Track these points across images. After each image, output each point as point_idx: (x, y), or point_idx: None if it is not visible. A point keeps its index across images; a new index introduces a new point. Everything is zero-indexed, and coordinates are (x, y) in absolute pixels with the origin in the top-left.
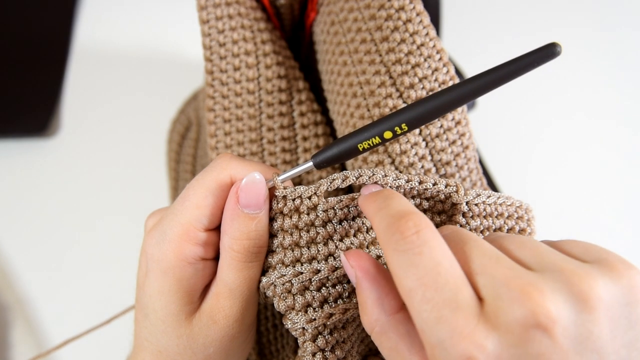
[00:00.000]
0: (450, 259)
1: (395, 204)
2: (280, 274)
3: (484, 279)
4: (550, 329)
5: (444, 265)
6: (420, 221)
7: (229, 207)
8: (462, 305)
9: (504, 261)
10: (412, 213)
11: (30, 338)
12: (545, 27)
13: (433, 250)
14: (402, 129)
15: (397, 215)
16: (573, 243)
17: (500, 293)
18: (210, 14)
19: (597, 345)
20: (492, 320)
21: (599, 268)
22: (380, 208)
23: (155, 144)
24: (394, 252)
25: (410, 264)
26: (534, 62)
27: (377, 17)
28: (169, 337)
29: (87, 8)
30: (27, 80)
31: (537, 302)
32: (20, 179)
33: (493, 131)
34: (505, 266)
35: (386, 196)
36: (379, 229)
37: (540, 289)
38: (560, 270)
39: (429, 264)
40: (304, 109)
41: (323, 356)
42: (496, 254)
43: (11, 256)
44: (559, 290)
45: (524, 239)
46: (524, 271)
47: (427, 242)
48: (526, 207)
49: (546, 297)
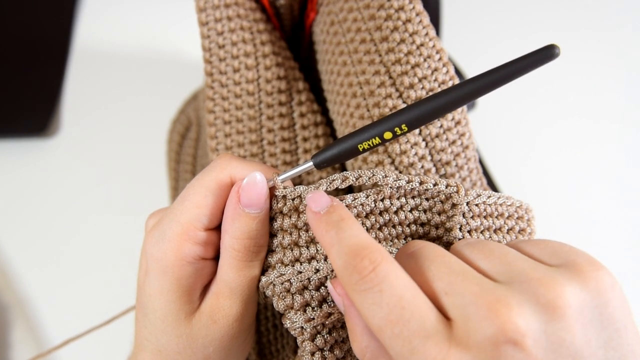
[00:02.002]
0: (411, 289)
1: (347, 236)
2: (279, 273)
3: (452, 299)
4: (521, 342)
5: (406, 298)
6: (375, 256)
7: (230, 206)
8: (431, 332)
9: (471, 277)
10: (366, 248)
11: (30, 338)
12: (545, 28)
13: (392, 285)
14: (402, 130)
15: (351, 252)
16: (542, 244)
17: (468, 313)
18: (209, 16)
19: (571, 351)
20: (463, 341)
21: (567, 272)
22: (333, 243)
23: (155, 144)
24: (355, 292)
25: (373, 303)
26: (532, 63)
27: (376, 17)
28: (169, 337)
29: (87, 8)
30: (27, 80)
31: (505, 317)
32: (20, 179)
33: (493, 131)
34: (472, 282)
35: (337, 225)
36: (336, 268)
37: (507, 304)
38: (528, 281)
39: (391, 301)
40: (304, 109)
41: (322, 355)
42: (462, 270)
43: (11, 256)
44: (526, 302)
45: (491, 247)
46: (491, 286)
47: (385, 277)
48: (526, 207)
49: (513, 312)
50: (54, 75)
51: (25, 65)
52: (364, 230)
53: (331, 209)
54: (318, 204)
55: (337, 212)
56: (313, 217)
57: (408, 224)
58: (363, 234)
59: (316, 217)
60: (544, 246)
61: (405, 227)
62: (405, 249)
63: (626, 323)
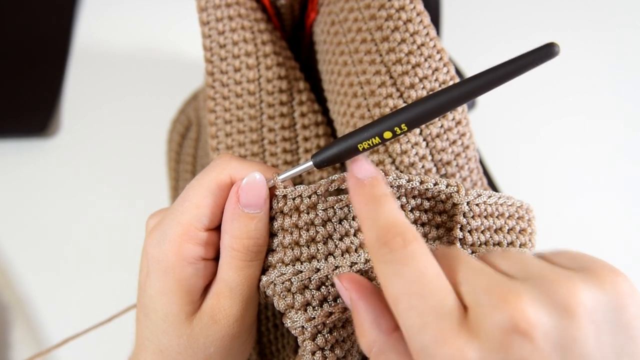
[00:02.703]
0: (436, 270)
1: (385, 213)
2: (280, 273)
3: (466, 287)
4: (530, 333)
5: (429, 275)
6: (408, 235)
7: (230, 206)
8: (446, 312)
9: (487, 272)
10: (400, 226)
11: (30, 338)
12: (545, 27)
13: (419, 261)
14: (401, 129)
15: (385, 227)
16: (561, 253)
17: (480, 300)
18: (211, 16)
19: (582, 352)
20: (473, 327)
21: (583, 275)
22: (370, 216)
23: (155, 144)
24: (381, 263)
25: (396, 274)
26: (532, 62)
27: (377, 17)
28: (170, 337)
29: (87, 8)
30: (27, 80)
31: (515, 307)
32: (20, 179)
33: (493, 131)
34: (488, 276)
35: (378, 200)
36: (368, 239)
37: (518, 295)
38: (542, 278)
39: (414, 274)
40: (304, 109)
41: (322, 355)
42: (481, 267)
43: (11, 256)
44: (539, 296)
45: (510, 252)
46: (505, 279)
47: (413, 253)
48: (527, 207)
49: (525, 303)
50: (54, 75)
51: (25, 65)
52: (402, 212)
53: (374, 181)
54: (362, 171)
55: (380, 186)
56: (355, 184)
57: None
58: (401, 214)
59: (358, 185)
60: (562, 254)
61: None
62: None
63: None
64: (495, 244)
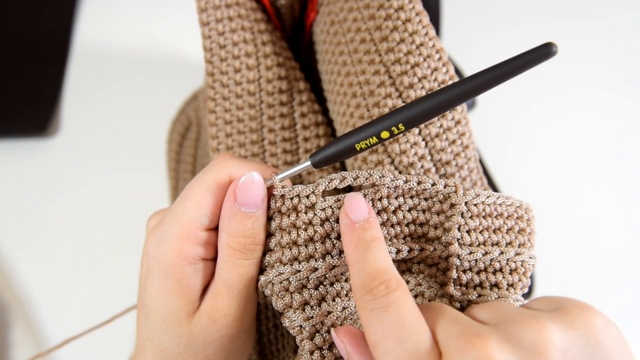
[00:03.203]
0: (416, 316)
1: (372, 260)
2: (278, 272)
3: (441, 333)
4: None
5: (408, 320)
6: (392, 283)
7: (227, 205)
8: (422, 355)
9: (463, 320)
10: (385, 273)
11: (30, 338)
12: (545, 27)
13: (399, 307)
14: (399, 129)
15: (372, 274)
16: (538, 299)
17: (451, 345)
18: (211, 16)
19: None
20: None
21: (554, 315)
22: (358, 260)
23: (155, 144)
24: (364, 310)
25: (377, 319)
26: (530, 61)
27: (376, 16)
28: (170, 337)
29: (87, 8)
30: (27, 80)
31: (482, 350)
32: (20, 179)
33: (493, 131)
34: (462, 323)
35: (367, 245)
36: (354, 285)
37: (485, 339)
38: (512, 321)
39: (394, 319)
40: (305, 109)
41: (321, 354)
42: (458, 316)
43: (11, 256)
44: (507, 339)
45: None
46: (476, 325)
47: (395, 301)
48: (526, 207)
49: (490, 346)
50: (54, 75)
51: (25, 65)
52: (389, 257)
53: (367, 224)
54: (355, 211)
55: (371, 230)
56: (347, 226)
57: (407, 224)
58: (388, 261)
59: (351, 227)
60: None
61: (404, 226)
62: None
63: None
64: (493, 244)
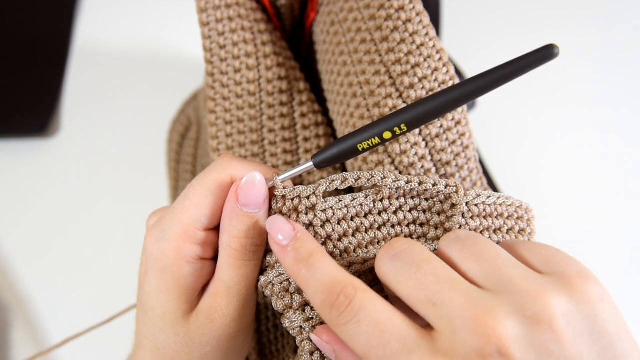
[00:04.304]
0: (387, 312)
1: (320, 274)
2: (278, 273)
3: (438, 310)
4: (507, 353)
5: (382, 322)
6: (349, 290)
7: (229, 205)
8: (414, 348)
9: (459, 286)
10: (339, 283)
11: (30, 338)
12: (545, 28)
13: (368, 312)
14: (401, 130)
15: (327, 289)
16: (536, 249)
17: (455, 325)
18: (211, 16)
19: (567, 357)
20: (448, 353)
21: (556, 283)
22: (307, 281)
23: (155, 144)
24: (337, 327)
25: (355, 334)
26: (532, 63)
27: (376, 17)
28: (167, 335)
29: (87, 8)
30: (27, 80)
31: (491, 328)
32: (20, 179)
33: (493, 131)
34: (460, 293)
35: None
36: (316, 307)
37: (493, 315)
38: (516, 292)
39: (369, 327)
40: (305, 110)
41: (321, 355)
42: (449, 278)
43: (11, 256)
44: (512, 313)
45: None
46: (478, 296)
47: (361, 307)
48: (526, 207)
49: (500, 323)
50: (54, 75)
51: (25, 65)
52: (333, 263)
53: (297, 243)
54: (281, 234)
55: (304, 246)
56: (280, 251)
57: (407, 224)
58: (333, 269)
59: (283, 251)
60: (538, 252)
61: (405, 227)
62: (388, 248)
63: (620, 334)
64: None
